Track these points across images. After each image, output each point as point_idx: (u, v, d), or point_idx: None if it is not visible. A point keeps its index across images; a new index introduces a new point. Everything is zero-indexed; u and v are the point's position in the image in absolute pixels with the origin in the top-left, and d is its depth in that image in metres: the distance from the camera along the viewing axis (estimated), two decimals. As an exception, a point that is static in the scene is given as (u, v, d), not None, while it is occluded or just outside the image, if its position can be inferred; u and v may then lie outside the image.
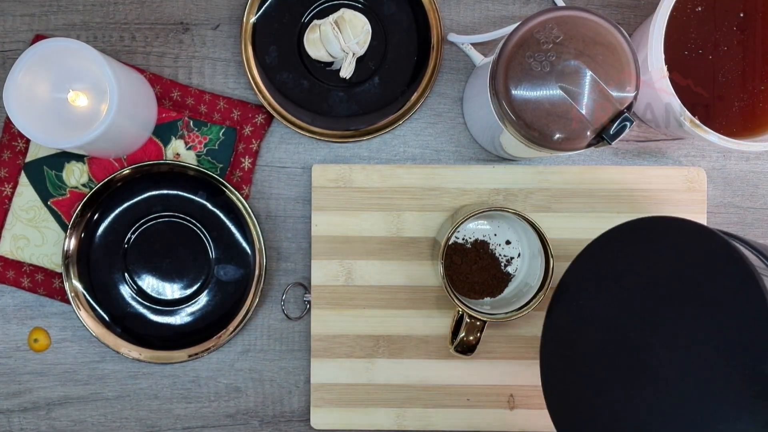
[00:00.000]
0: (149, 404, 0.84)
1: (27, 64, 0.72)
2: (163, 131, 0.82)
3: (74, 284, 0.81)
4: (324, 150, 0.84)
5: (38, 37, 0.83)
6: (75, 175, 0.82)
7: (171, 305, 0.83)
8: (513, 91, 0.65)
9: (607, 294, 0.61)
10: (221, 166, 0.82)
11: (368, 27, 0.78)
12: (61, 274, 0.82)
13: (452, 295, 0.74)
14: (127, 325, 0.82)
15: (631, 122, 0.64)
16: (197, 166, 0.81)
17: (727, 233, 0.56)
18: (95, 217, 0.82)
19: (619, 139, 0.64)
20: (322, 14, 0.81)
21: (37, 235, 0.82)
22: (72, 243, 0.81)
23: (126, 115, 0.74)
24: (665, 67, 0.71)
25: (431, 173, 0.82)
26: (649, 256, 0.58)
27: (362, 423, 0.82)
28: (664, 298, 0.55)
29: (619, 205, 0.81)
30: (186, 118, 0.82)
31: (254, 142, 0.83)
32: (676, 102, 0.71)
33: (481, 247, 0.79)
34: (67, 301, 0.82)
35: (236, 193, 0.81)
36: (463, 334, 0.73)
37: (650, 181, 0.81)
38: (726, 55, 0.75)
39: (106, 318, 0.82)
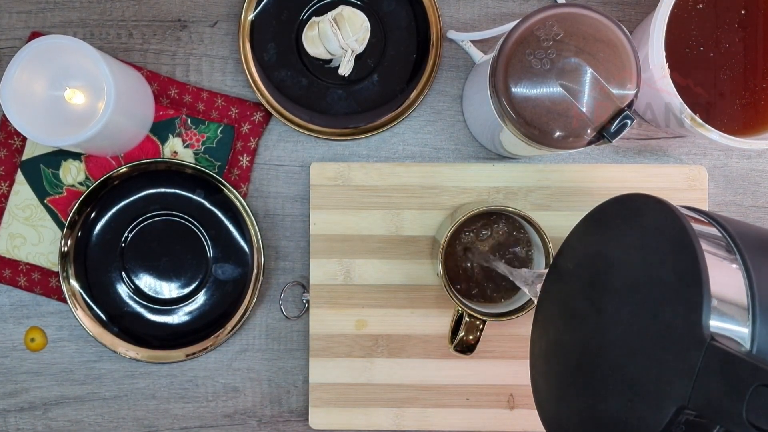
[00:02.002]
0: (146, 404, 0.84)
1: (23, 61, 0.71)
2: (161, 129, 0.82)
3: (71, 283, 0.81)
4: (322, 148, 0.84)
5: (34, 35, 0.82)
6: (72, 173, 0.82)
7: (168, 304, 0.82)
8: (513, 89, 0.64)
9: (575, 277, 0.61)
10: (219, 164, 0.82)
11: (367, 24, 0.78)
12: (57, 273, 0.82)
13: (452, 294, 0.73)
14: (124, 324, 0.82)
15: (632, 120, 0.64)
16: (195, 164, 0.81)
17: (694, 209, 0.57)
18: (92, 215, 0.81)
19: (619, 137, 0.64)
20: (321, 11, 0.81)
21: (34, 234, 0.82)
22: (69, 242, 0.81)
23: (123, 112, 0.74)
24: (666, 65, 0.70)
25: (431, 171, 0.81)
26: (613, 233, 0.59)
27: (361, 423, 0.82)
28: (621, 267, 0.55)
29: (620, 203, 0.81)
30: (183, 116, 0.82)
31: (252, 140, 0.82)
32: (676, 101, 0.70)
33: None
34: (64, 301, 0.82)
35: (234, 191, 0.81)
36: (463, 334, 0.73)
37: (651, 180, 0.81)
38: (727, 53, 0.75)
39: (103, 317, 0.82)
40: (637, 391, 0.48)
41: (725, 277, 0.48)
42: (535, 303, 0.66)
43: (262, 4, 0.81)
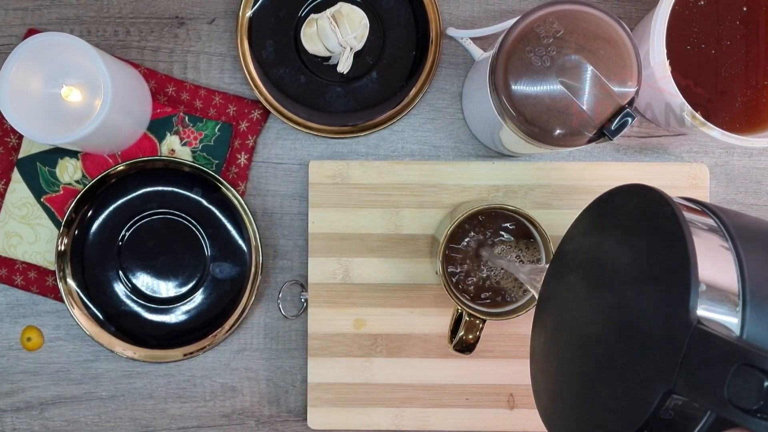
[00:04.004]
0: (144, 404, 0.83)
1: (20, 58, 0.71)
2: (158, 127, 0.81)
3: (68, 282, 0.80)
4: (321, 146, 0.83)
5: (31, 32, 0.82)
6: (68, 171, 0.81)
7: (166, 303, 0.82)
8: (513, 87, 0.64)
9: (575, 271, 0.61)
10: (217, 162, 0.82)
11: (366, 21, 0.77)
12: (54, 271, 0.81)
13: (451, 293, 0.73)
14: (121, 323, 0.81)
15: (633, 118, 0.63)
16: (192, 162, 0.80)
17: (690, 199, 0.57)
18: (89, 214, 0.81)
19: (620, 135, 0.64)
20: (319, 8, 0.80)
21: (30, 233, 0.81)
22: (65, 240, 0.80)
23: (120, 110, 0.73)
24: (667, 62, 0.70)
25: (430, 170, 0.81)
26: (609, 224, 0.59)
27: (360, 423, 0.81)
28: (616, 257, 0.55)
29: (621, 201, 0.80)
30: (181, 114, 0.81)
31: (250, 138, 0.82)
32: (677, 100, 0.70)
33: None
34: (61, 300, 0.81)
35: (232, 189, 0.80)
36: (462, 333, 0.73)
37: (652, 178, 0.81)
38: (729, 50, 0.74)
39: (100, 316, 0.81)
40: (627, 378, 0.48)
41: (717, 265, 0.48)
42: (536, 298, 0.66)
43: (260, 1, 0.81)
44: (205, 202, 0.81)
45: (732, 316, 0.46)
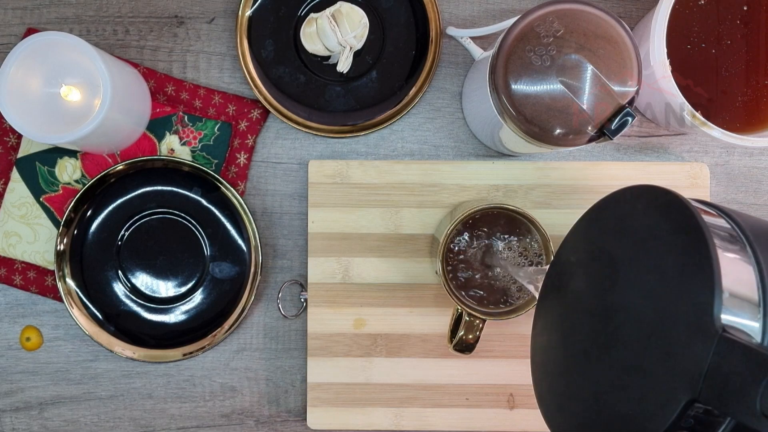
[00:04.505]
0: (143, 404, 0.83)
1: (19, 58, 0.71)
2: (158, 126, 0.81)
3: (67, 282, 0.80)
4: (321, 145, 0.83)
5: (30, 31, 0.82)
6: (68, 171, 0.81)
7: (165, 303, 0.82)
8: (513, 86, 0.64)
9: (581, 270, 0.60)
10: (216, 161, 0.81)
11: (366, 20, 0.77)
12: (53, 271, 0.81)
13: (451, 293, 0.73)
14: (120, 323, 0.81)
15: (633, 117, 0.63)
16: (192, 161, 0.80)
17: (704, 201, 0.56)
18: (88, 213, 0.81)
19: (620, 134, 0.64)
20: (319, 7, 0.80)
21: (29, 232, 0.81)
22: (65, 240, 0.80)
23: (119, 109, 0.73)
24: (668, 62, 0.70)
25: (430, 169, 0.81)
26: (618, 225, 0.58)
27: (359, 423, 0.81)
28: (627, 260, 0.54)
29: (621, 201, 0.80)
30: (180, 113, 0.81)
31: (250, 137, 0.82)
32: (677, 100, 0.70)
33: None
34: (60, 299, 0.81)
35: (231, 189, 0.80)
36: (462, 333, 0.72)
37: (652, 177, 0.80)
38: (729, 49, 0.74)
39: (100, 316, 0.81)
40: (646, 385, 0.48)
41: (736, 270, 0.47)
42: (536, 299, 0.66)
43: (259, 1, 0.81)
44: (204, 202, 0.81)
45: (753, 320, 0.46)
